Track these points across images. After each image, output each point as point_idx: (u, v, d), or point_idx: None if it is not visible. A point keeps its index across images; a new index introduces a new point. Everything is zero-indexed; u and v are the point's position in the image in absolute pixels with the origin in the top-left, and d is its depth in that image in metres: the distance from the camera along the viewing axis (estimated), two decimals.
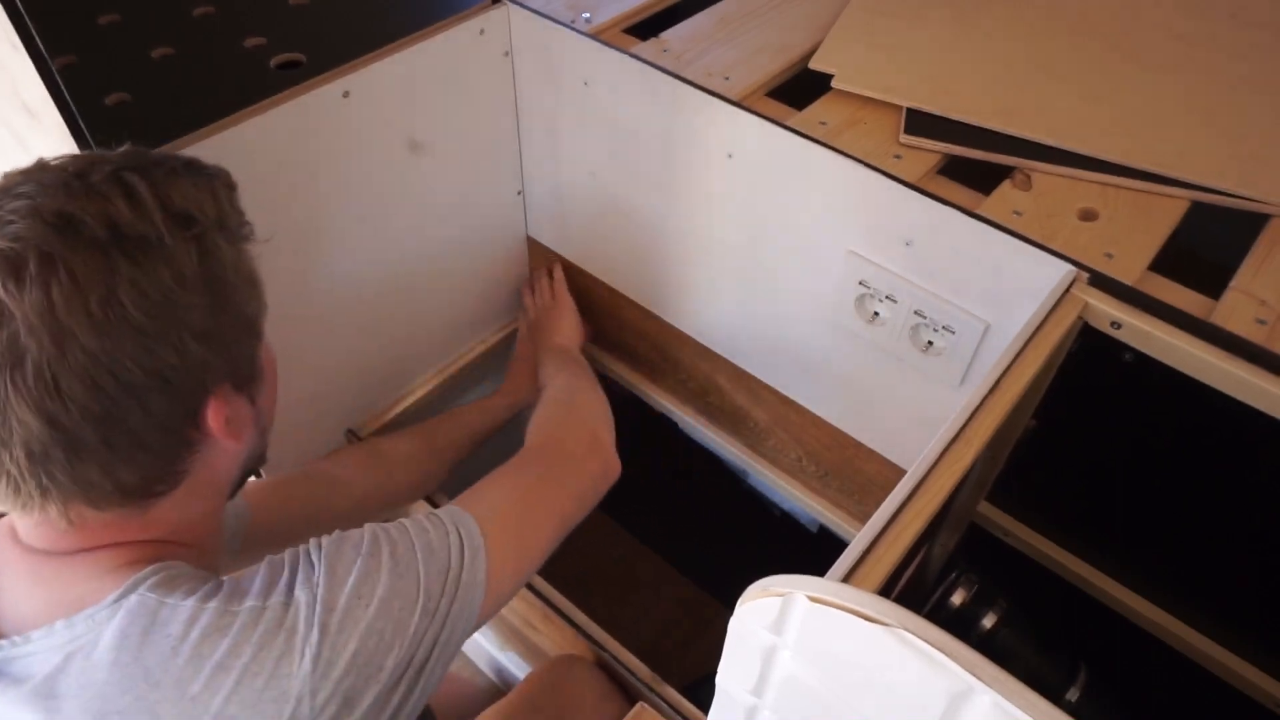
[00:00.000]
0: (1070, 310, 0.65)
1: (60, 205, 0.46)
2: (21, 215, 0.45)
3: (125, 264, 0.46)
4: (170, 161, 0.52)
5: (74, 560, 0.51)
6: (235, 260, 0.53)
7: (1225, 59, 0.84)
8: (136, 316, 0.46)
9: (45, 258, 0.45)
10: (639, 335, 1.14)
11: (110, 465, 0.49)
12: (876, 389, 0.90)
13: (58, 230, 0.45)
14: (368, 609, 0.52)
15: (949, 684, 0.38)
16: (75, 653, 0.48)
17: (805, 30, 0.90)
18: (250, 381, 0.56)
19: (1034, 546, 0.84)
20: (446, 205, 1.03)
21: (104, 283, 0.46)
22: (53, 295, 0.44)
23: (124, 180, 0.48)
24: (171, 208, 0.49)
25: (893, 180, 0.73)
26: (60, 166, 0.49)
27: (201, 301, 0.50)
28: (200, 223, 0.50)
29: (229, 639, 0.49)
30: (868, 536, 0.52)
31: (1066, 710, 0.35)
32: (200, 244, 0.50)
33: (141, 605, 0.49)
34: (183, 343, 0.49)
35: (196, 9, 0.92)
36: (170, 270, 0.48)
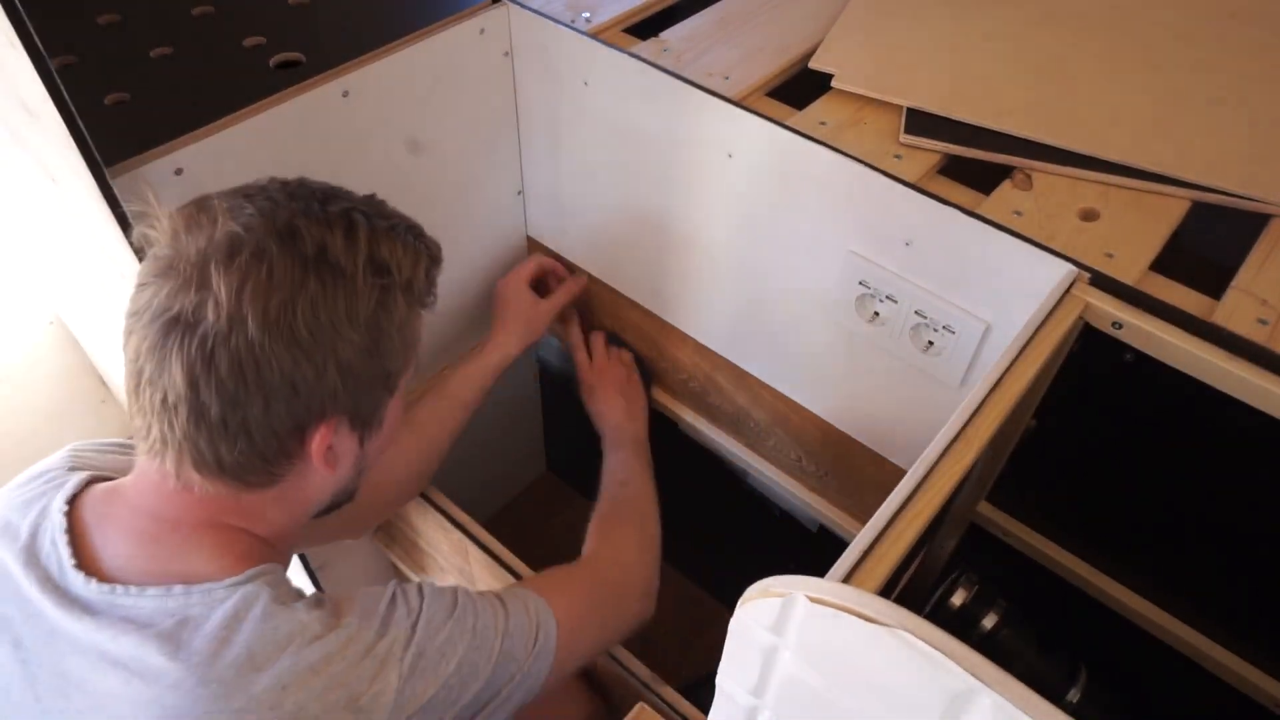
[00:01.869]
0: (1071, 310, 0.65)
1: (292, 217, 0.54)
2: (262, 213, 0.53)
3: (315, 283, 0.53)
4: (397, 220, 0.59)
5: (188, 532, 0.56)
6: (404, 320, 0.58)
7: (1226, 58, 0.84)
8: (300, 329, 0.52)
9: (259, 252, 0.52)
10: (639, 335, 1.14)
11: (217, 439, 0.53)
12: (877, 389, 0.90)
13: (280, 235, 0.53)
14: (449, 664, 0.59)
15: (949, 685, 0.38)
16: (188, 621, 0.53)
17: (805, 30, 0.90)
18: (367, 425, 0.60)
19: (1034, 547, 0.84)
20: (446, 205, 1.03)
21: (290, 290, 0.52)
22: (248, 283, 0.51)
23: (351, 218, 0.56)
24: (376, 256, 0.55)
25: (893, 180, 0.73)
26: (310, 187, 0.57)
27: (358, 340, 0.55)
28: (391, 277, 0.56)
29: (324, 647, 0.54)
30: (868, 537, 0.51)
31: (1067, 711, 0.35)
32: (382, 295, 0.56)
33: (255, 595, 0.54)
34: (325, 367, 0.54)
35: (196, 9, 0.92)
36: (347, 304, 0.54)
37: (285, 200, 0.54)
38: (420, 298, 0.60)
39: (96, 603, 0.54)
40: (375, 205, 0.59)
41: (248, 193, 0.55)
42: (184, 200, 0.76)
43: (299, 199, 0.55)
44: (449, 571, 1.13)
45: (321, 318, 0.53)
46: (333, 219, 0.55)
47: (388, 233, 0.57)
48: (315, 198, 0.56)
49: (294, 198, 0.55)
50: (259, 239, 0.52)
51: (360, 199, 0.58)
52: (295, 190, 0.56)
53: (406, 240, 0.58)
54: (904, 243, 0.76)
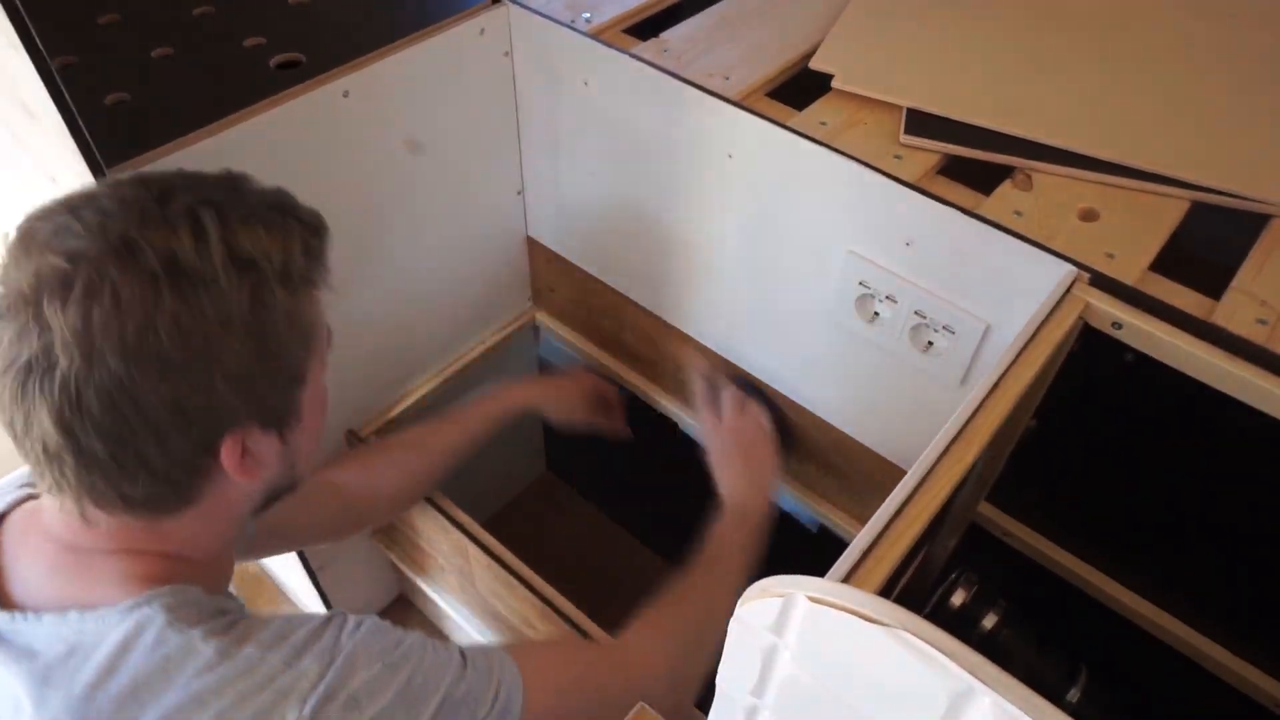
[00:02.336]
0: (1071, 310, 0.65)
1: (127, 229, 0.47)
2: (90, 231, 0.47)
3: (172, 298, 0.47)
4: (254, 201, 0.52)
5: (95, 559, 0.53)
6: (291, 310, 0.53)
7: (1226, 59, 0.84)
8: (169, 351, 0.47)
9: (95, 279, 0.46)
10: (639, 335, 1.14)
11: (116, 479, 0.50)
12: (877, 389, 0.90)
13: (117, 253, 0.47)
14: (363, 713, 0.52)
15: (949, 685, 0.38)
16: (78, 647, 0.50)
17: (805, 30, 0.90)
18: (283, 422, 0.56)
19: (1034, 547, 0.84)
20: (446, 205, 1.03)
21: (145, 312, 0.46)
22: (93, 316, 0.46)
23: (197, 216, 0.49)
24: (236, 251, 0.49)
25: (893, 180, 0.73)
26: (146, 184, 0.50)
27: (241, 347, 0.50)
28: (261, 270, 0.50)
29: (216, 677, 0.50)
30: (868, 537, 0.51)
31: (1067, 711, 0.35)
32: (255, 291, 0.50)
33: (149, 620, 0.51)
34: (210, 383, 0.49)
35: (196, 9, 0.92)
36: (216, 311, 0.48)
37: (117, 209, 0.48)
38: (305, 279, 0.54)
39: (3, 630, 0.51)
40: (226, 188, 0.53)
41: (73, 206, 0.49)
42: None
43: (133, 203, 0.49)
44: (449, 571, 1.13)
45: (190, 333, 0.47)
46: (176, 220, 0.48)
47: (245, 221, 0.51)
48: (151, 198, 0.49)
49: (126, 203, 0.49)
50: (93, 262, 0.46)
51: (210, 183, 0.52)
52: (127, 193, 0.50)
53: (270, 222, 0.52)
54: (904, 243, 0.76)
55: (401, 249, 1.01)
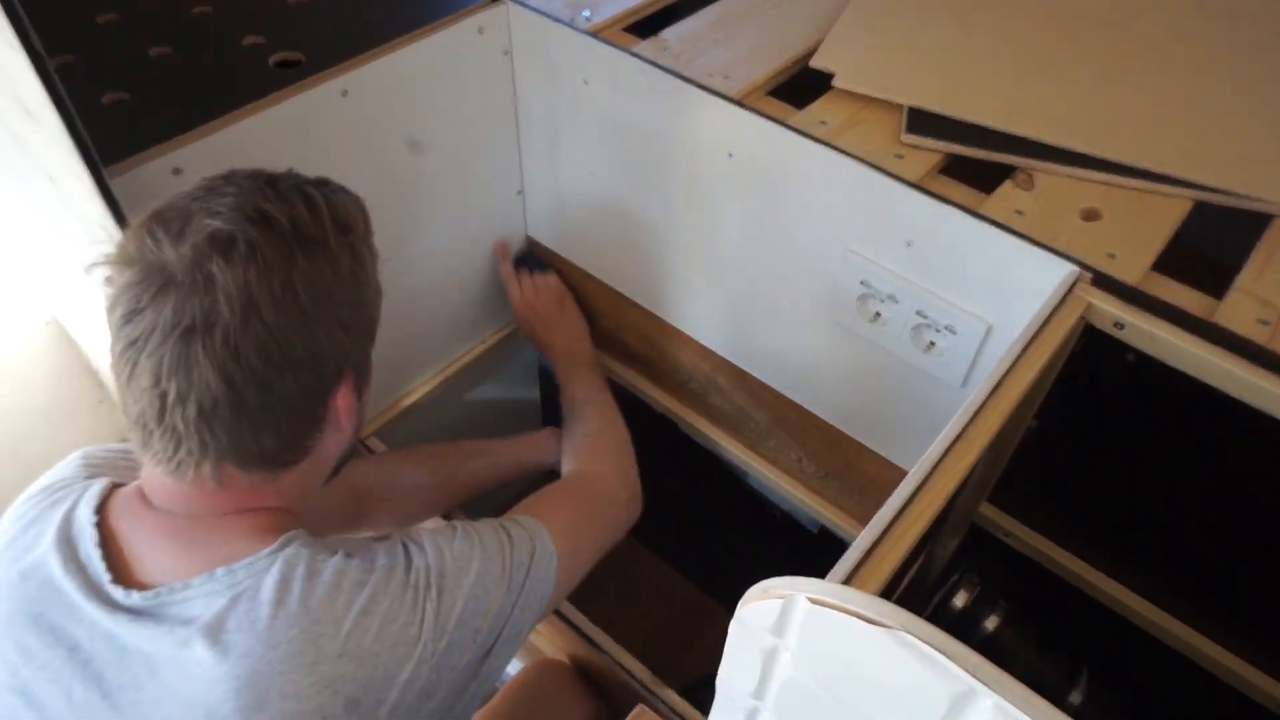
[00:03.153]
0: (1073, 310, 0.65)
1: (259, 203, 0.55)
2: (230, 209, 0.54)
3: (302, 257, 0.55)
4: (328, 183, 0.61)
5: (224, 521, 0.58)
6: (372, 268, 0.62)
7: (1228, 59, 0.84)
8: (305, 301, 0.55)
9: (249, 242, 0.53)
10: (639, 335, 1.14)
11: (260, 428, 0.56)
12: (878, 389, 0.90)
13: (256, 223, 0.54)
14: (468, 577, 0.63)
15: (950, 686, 0.37)
16: (241, 595, 0.55)
17: (806, 29, 0.89)
18: (364, 377, 0.64)
19: (1036, 548, 0.84)
20: (446, 205, 1.03)
21: (285, 270, 0.54)
22: (250, 274, 0.53)
23: (305, 191, 0.57)
24: (338, 217, 0.58)
25: (894, 180, 0.73)
26: (252, 174, 0.58)
27: (349, 298, 0.58)
28: (355, 233, 0.59)
29: (370, 589, 0.58)
30: (869, 538, 0.51)
31: (1068, 712, 0.35)
32: (353, 250, 0.59)
33: (297, 556, 0.57)
34: (332, 329, 0.57)
35: (195, 8, 0.92)
36: (331, 268, 0.57)
37: (242, 190, 0.56)
38: (372, 246, 0.63)
39: (148, 608, 0.56)
40: (303, 176, 0.61)
41: (199, 195, 0.56)
42: None
43: (252, 186, 0.57)
44: None
45: (317, 286, 0.55)
46: (289, 196, 0.57)
47: (335, 194, 0.60)
48: (262, 181, 0.58)
49: (246, 187, 0.57)
50: (242, 230, 0.54)
51: (288, 173, 0.60)
52: (242, 180, 0.57)
53: (346, 198, 0.61)
54: (905, 242, 0.76)
55: (401, 249, 1.00)
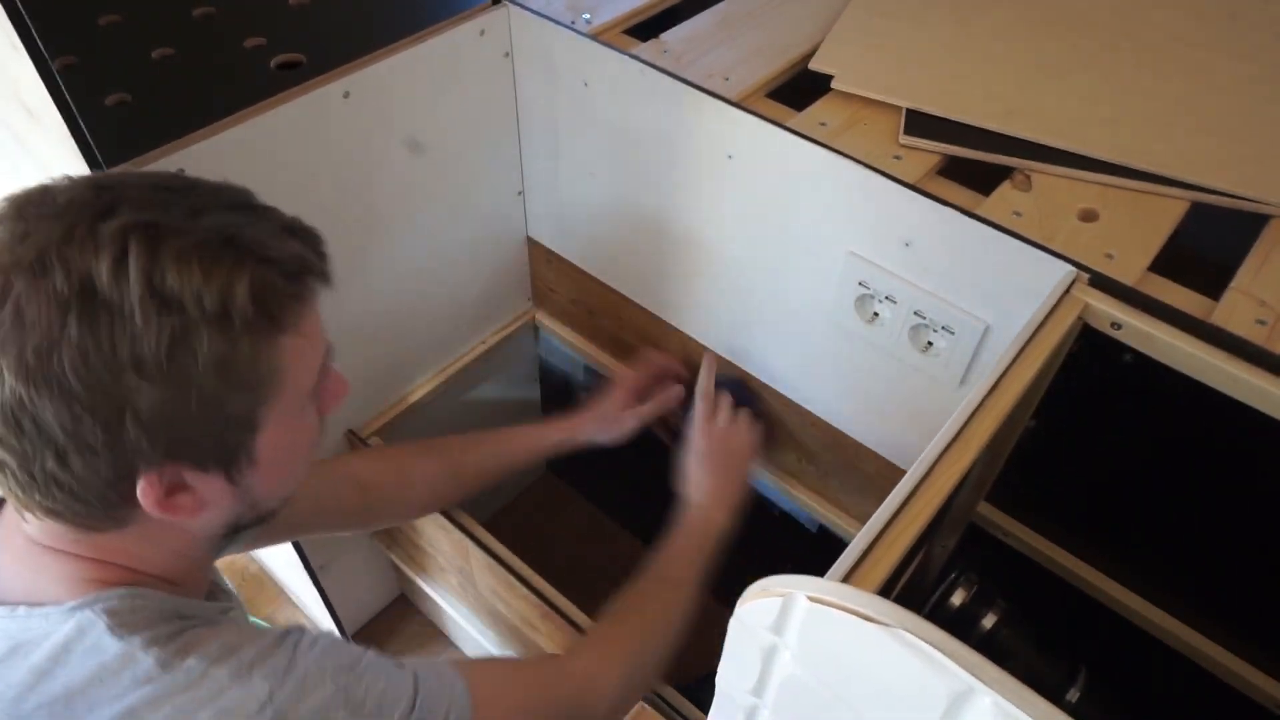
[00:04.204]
0: (1070, 311, 0.65)
1: (45, 246, 0.44)
2: (14, 238, 0.45)
3: (77, 326, 0.43)
4: (209, 231, 0.47)
5: (47, 556, 0.51)
6: (227, 357, 0.47)
7: (1225, 59, 0.84)
8: (70, 380, 0.44)
9: (13, 295, 0.43)
10: (639, 335, 1.14)
11: (29, 490, 0.47)
12: (876, 389, 0.90)
13: (30, 270, 0.44)
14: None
15: (949, 684, 0.38)
16: (20, 645, 0.49)
17: (805, 31, 0.90)
18: (228, 465, 0.51)
19: (1034, 547, 0.84)
20: (446, 205, 1.03)
21: (48, 336, 0.43)
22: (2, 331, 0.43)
23: (125, 241, 0.45)
24: (158, 287, 0.44)
25: (892, 181, 0.73)
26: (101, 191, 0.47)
27: (154, 390, 0.45)
28: (186, 313, 0.45)
29: (154, 689, 0.48)
30: (868, 537, 0.52)
31: (1067, 711, 0.35)
32: (175, 333, 0.45)
33: (90, 624, 0.49)
34: (118, 420, 0.45)
35: (196, 9, 0.93)
36: (127, 349, 0.44)
37: (54, 216, 0.45)
38: (255, 324, 0.47)
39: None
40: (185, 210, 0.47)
41: (24, 201, 0.46)
42: None
43: (71, 212, 0.45)
44: (449, 571, 1.13)
45: (94, 366, 0.44)
46: (103, 241, 0.44)
47: (181, 255, 0.45)
48: (95, 209, 0.45)
49: (66, 211, 0.45)
50: (5, 274, 0.44)
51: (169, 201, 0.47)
52: (78, 197, 0.46)
53: (215, 259, 0.46)
54: (903, 243, 0.76)
55: (401, 249, 1.01)
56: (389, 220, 0.97)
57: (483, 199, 1.08)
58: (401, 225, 0.99)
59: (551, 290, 1.23)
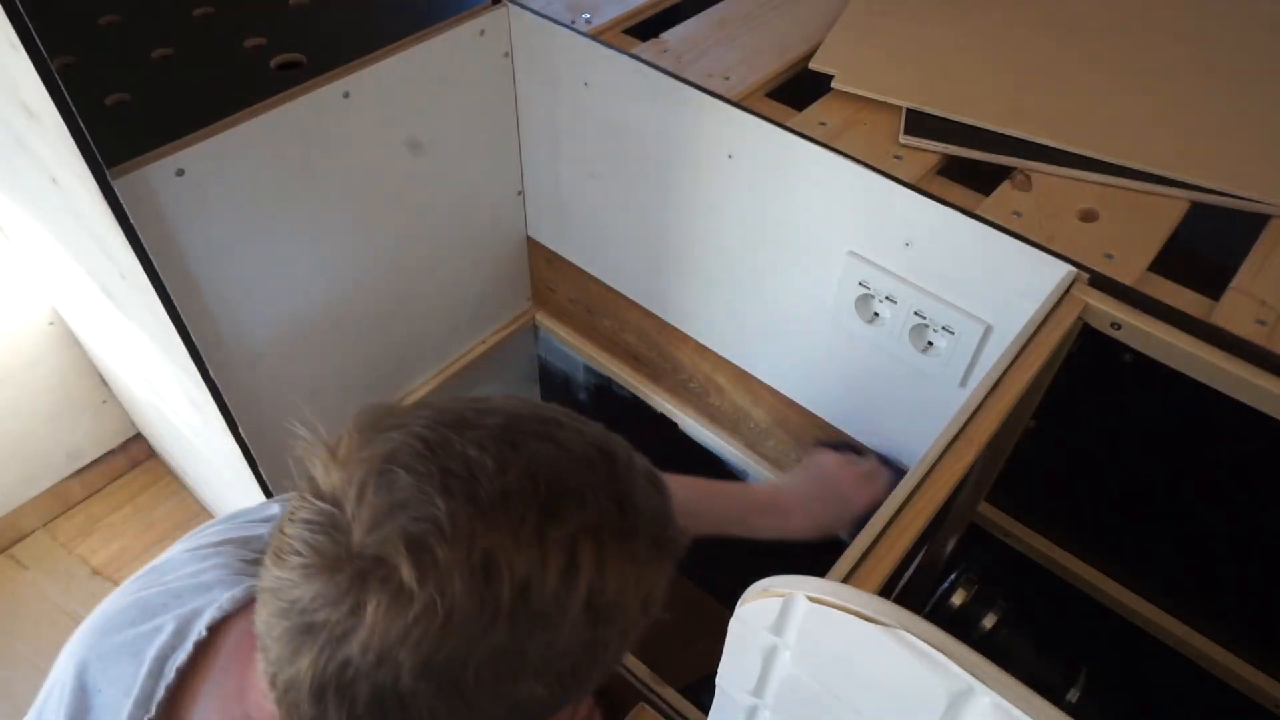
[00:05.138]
0: (1070, 311, 0.65)
1: (494, 541, 0.39)
2: (457, 528, 0.39)
3: (505, 628, 0.40)
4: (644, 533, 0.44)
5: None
6: (615, 656, 0.46)
7: (1225, 59, 0.84)
8: (469, 681, 0.40)
9: (435, 599, 0.38)
10: (639, 335, 1.14)
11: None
12: (877, 390, 0.90)
13: (473, 570, 0.39)
14: None
15: (949, 684, 0.38)
16: None
17: (805, 31, 0.90)
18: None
19: (1034, 547, 0.84)
20: (446, 205, 1.03)
21: (467, 640, 0.39)
22: (412, 633, 0.38)
23: (574, 551, 0.41)
24: (597, 602, 0.42)
25: (892, 181, 0.73)
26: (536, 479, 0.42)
27: (539, 689, 0.43)
28: (613, 624, 0.43)
29: None
30: (868, 537, 0.52)
31: (1067, 711, 0.35)
32: (594, 644, 0.43)
33: None
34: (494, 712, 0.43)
35: (196, 9, 0.93)
36: (539, 654, 0.41)
37: (495, 503, 0.40)
38: (653, 614, 0.46)
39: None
40: (615, 499, 0.43)
41: (443, 464, 0.41)
42: (185, 202, 0.77)
43: (515, 503, 0.40)
44: None
45: (503, 674, 0.41)
46: (551, 547, 0.40)
47: (623, 557, 0.42)
48: (538, 503, 0.41)
49: (509, 500, 0.40)
50: (441, 574, 0.38)
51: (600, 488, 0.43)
52: (514, 486, 0.41)
53: (648, 558, 0.44)
54: (904, 243, 0.76)
55: (401, 249, 1.01)
56: (389, 220, 0.97)
57: (483, 199, 1.08)
58: (401, 225, 0.99)
59: (551, 290, 1.23)
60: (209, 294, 0.83)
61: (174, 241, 0.77)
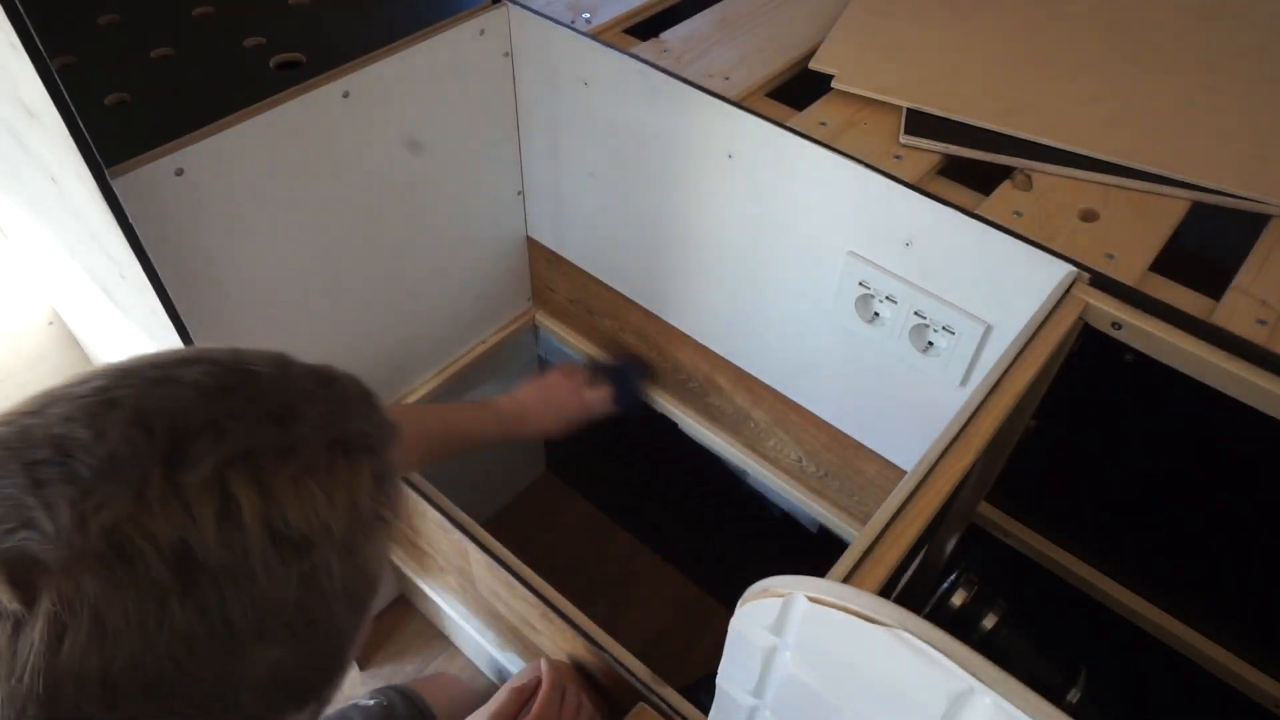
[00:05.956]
0: (1071, 311, 0.65)
1: (118, 518, 0.33)
2: (58, 524, 0.32)
3: (181, 608, 0.33)
4: (312, 442, 0.37)
5: None
6: (350, 579, 0.39)
7: (1226, 59, 0.84)
8: (172, 680, 0.34)
9: (60, 609, 0.31)
10: (639, 335, 1.14)
11: None
12: (877, 390, 0.90)
13: (105, 562, 0.32)
14: None
15: (949, 685, 0.38)
16: None
17: (805, 30, 0.90)
18: (326, 689, 0.42)
19: (1034, 547, 0.84)
20: (446, 205, 1.03)
21: (143, 638, 0.33)
22: (60, 655, 0.32)
23: (226, 488, 0.34)
24: (283, 532, 0.35)
25: (893, 181, 0.73)
26: (149, 425, 0.35)
27: (278, 651, 0.37)
28: (318, 549, 0.37)
29: None
30: (868, 537, 0.51)
31: (1067, 711, 0.35)
32: (306, 579, 0.37)
33: None
34: (234, 703, 0.37)
35: (196, 9, 0.92)
36: (250, 616, 0.35)
37: (99, 476, 0.33)
38: (371, 526, 0.40)
39: None
40: (271, 418, 0.37)
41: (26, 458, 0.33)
42: (185, 202, 0.77)
43: (125, 465, 0.34)
44: (449, 571, 1.13)
45: (208, 656, 0.34)
46: (193, 494, 0.34)
47: (299, 479, 0.36)
48: (158, 452, 0.34)
49: (116, 465, 0.33)
50: (58, 581, 0.32)
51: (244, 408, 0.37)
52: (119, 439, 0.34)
53: (332, 468, 0.38)
54: (904, 243, 0.76)
55: (401, 249, 1.01)
56: (389, 220, 0.97)
57: (483, 199, 1.08)
58: (401, 225, 0.99)
59: (551, 290, 1.23)
60: (208, 294, 0.83)
61: (173, 241, 0.77)
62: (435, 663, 1.35)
